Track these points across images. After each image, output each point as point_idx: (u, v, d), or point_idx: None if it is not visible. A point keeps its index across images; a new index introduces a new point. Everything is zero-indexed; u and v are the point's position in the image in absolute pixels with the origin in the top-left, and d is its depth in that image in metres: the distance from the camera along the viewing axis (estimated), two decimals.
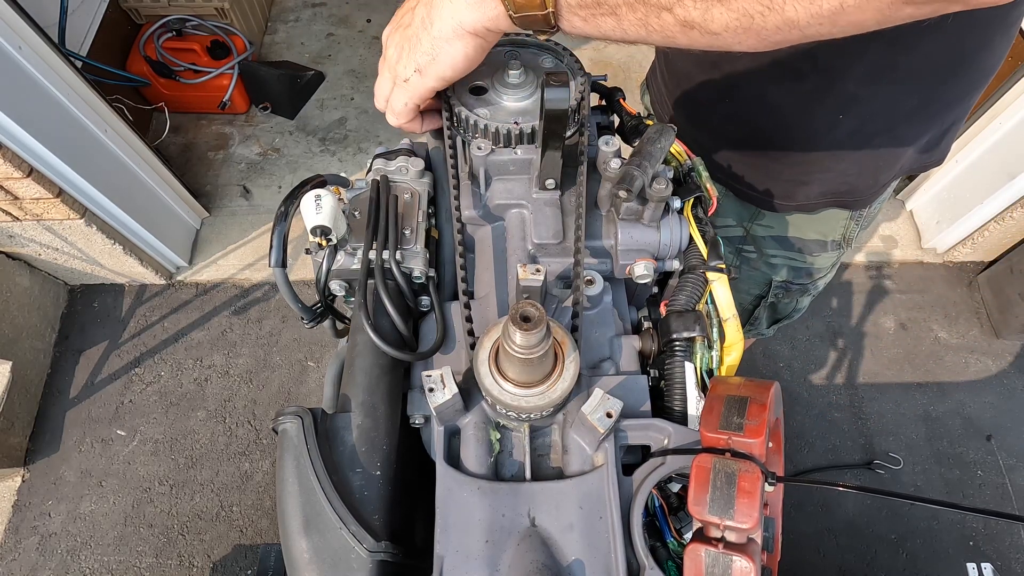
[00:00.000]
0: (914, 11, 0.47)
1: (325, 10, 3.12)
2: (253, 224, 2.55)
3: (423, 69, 0.63)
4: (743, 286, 1.27)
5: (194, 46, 2.56)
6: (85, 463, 2.15)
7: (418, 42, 0.62)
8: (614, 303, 0.75)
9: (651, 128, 0.71)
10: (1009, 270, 2.26)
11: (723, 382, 0.61)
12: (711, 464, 0.52)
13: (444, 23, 0.59)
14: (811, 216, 1.08)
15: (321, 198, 0.65)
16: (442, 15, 0.59)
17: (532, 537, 0.57)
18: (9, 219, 2.00)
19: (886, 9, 0.46)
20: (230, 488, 2.10)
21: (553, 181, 0.73)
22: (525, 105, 0.74)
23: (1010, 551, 1.99)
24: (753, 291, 1.27)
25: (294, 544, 0.59)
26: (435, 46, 0.61)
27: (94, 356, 2.33)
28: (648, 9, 0.52)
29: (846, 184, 1.01)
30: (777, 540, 0.62)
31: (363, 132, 2.78)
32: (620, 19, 0.54)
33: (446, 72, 0.63)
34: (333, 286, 0.73)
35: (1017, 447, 2.14)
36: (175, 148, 2.72)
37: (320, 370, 2.30)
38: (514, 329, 0.51)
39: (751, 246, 1.19)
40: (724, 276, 0.71)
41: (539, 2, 0.54)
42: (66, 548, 2.02)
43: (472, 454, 0.62)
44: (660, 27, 0.53)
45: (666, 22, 0.52)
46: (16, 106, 1.66)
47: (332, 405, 0.77)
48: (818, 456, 2.14)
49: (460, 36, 0.60)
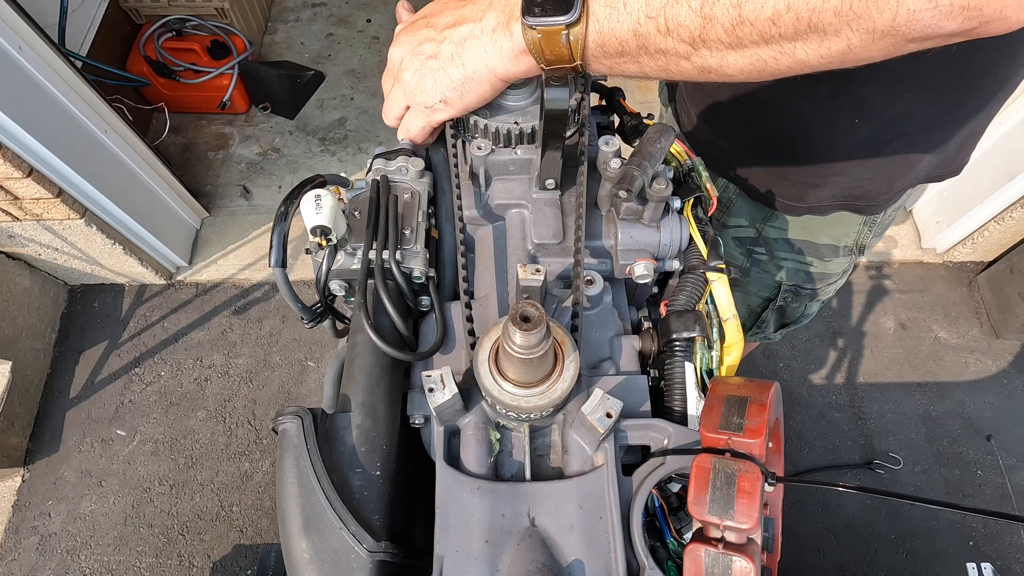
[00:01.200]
0: (918, 47, 0.49)
1: (325, 10, 3.12)
2: (253, 224, 2.55)
3: (450, 101, 0.66)
4: (752, 288, 1.26)
5: (194, 46, 2.56)
6: (85, 463, 2.15)
7: (446, 76, 0.64)
8: (614, 303, 0.75)
9: (651, 128, 0.71)
10: (1009, 270, 2.26)
11: (723, 382, 0.61)
12: (711, 464, 0.52)
13: (477, 66, 0.62)
14: (824, 220, 1.08)
15: (321, 198, 0.65)
16: (475, 58, 0.62)
17: (532, 537, 0.57)
18: (9, 219, 2.00)
19: (891, 48, 0.49)
20: (230, 488, 2.10)
21: (553, 181, 0.73)
22: (525, 105, 0.74)
23: (1010, 551, 1.99)
24: (762, 293, 1.27)
25: (294, 544, 0.59)
26: (465, 84, 0.64)
27: (94, 356, 2.33)
28: (668, 58, 0.55)
29: (859, 189, 1.00)
30: (777, 540, 0.62)
31: (363, 132, 2.78)
32: (642, 65, 0.57)
33: (472, 105, 0.67)
34: (333, 286, 0.73)
35: (1017, 447, 2.14)
36: (175, 148, 2.72)
37: (320, 370, 2.30)
38: (514, 329, 0.51)
39: (762, 247, 1.18)
40: (724, 276, 0.71)
41: (568, 56, 0.56)
42: (66, 548, 2.02)
43: (472, 454, 0.62)
44: (679, 71, 0.57)
45: (684, 68, 0.56)
46: (16, 106, 1.66)
47: (332, 405, 0.77)
48: (818, 456, 2.14)
49: (490, 80, 0.63)
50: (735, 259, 1.23)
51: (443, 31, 0.64)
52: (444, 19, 0.65)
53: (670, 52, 0.54)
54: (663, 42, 0.53)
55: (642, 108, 0.86)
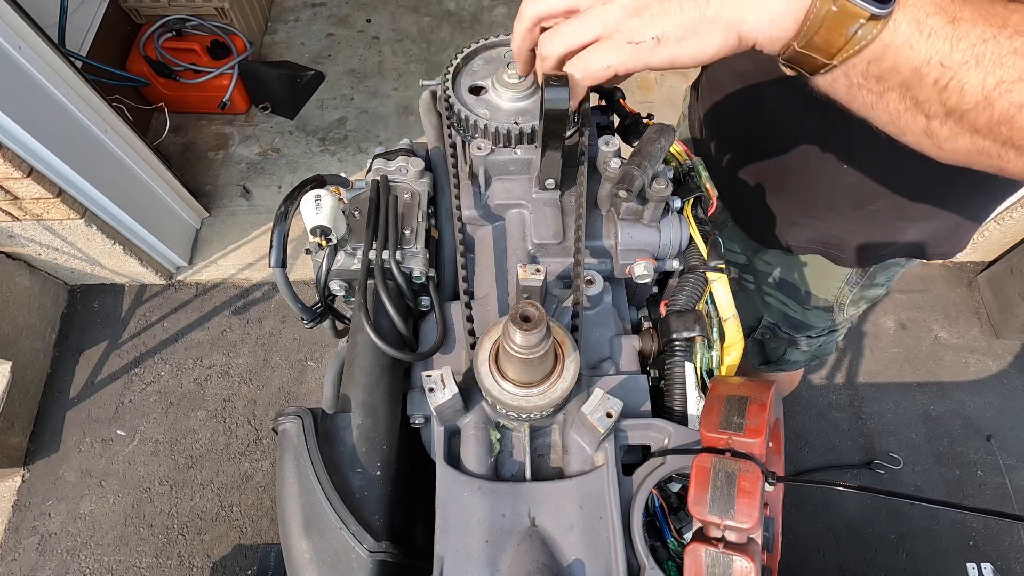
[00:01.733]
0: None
1: (325, 10, 3.12)
2: (253, 224, 2.55)
3: (664, 40, 0.52)
4: None
5: (194, 46, 2.56)
6: (85, 463, 2.15)
7: (679, 10, 0.51)
8: (614, 303, 0.75)
9: (651, 128, 0.71)
10: (1009, 270, 2.26)
11: (723, 382, 0.61)
12: (711, 464, 0.52)
13: (725, 7, 0.50)
14: (808, 268, 1.07)
15: (321, 198, 0.65)
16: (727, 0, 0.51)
17: (532, 537, 0.57)
18: (9, 219, 2.00)
19: None
20: (230, 488, 2.10)
21: (553, 181, 0.73)
22: (525, 105, 0.74)
23: (1010, 551, 1.99)
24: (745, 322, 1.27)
25: (294, 544, 0.59)
26: (697, 25, 0.51)
27: (94, 356, 2.33)
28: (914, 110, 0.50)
29: (837, 238, 0.99)
30: (777, 540, 0.62)
31: (363, 132, 2.78)
32: (883, 100, 0.51)
33: (685, 59, 0.53)
34: (333, 286, 0.73)
35: (1017, 447, 2.14)
36: (175, 148, 2.72)
37: (320, 370, 2.30)
38: (514, 329, 0.51)
39: (751, 277, 1.19)
40: (724, 276, 0.71)
41: (835, 49, 0.49)
42: (66, 548, 2.02)
43: (472, 454, 0.62)
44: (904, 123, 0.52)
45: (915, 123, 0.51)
46: (16, 106, 1.66)
47: (332, 405, 0.77)
48: (818, 456, 2.14)
49: (728, 31, 0.51)
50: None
51: None
52: None
53: (923, 104, 0.49)
54: (929, 94, 0.48)
55: (642, 108, 0.86)
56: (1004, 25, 0.46)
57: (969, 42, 0.46)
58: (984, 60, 0.46)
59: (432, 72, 2.93)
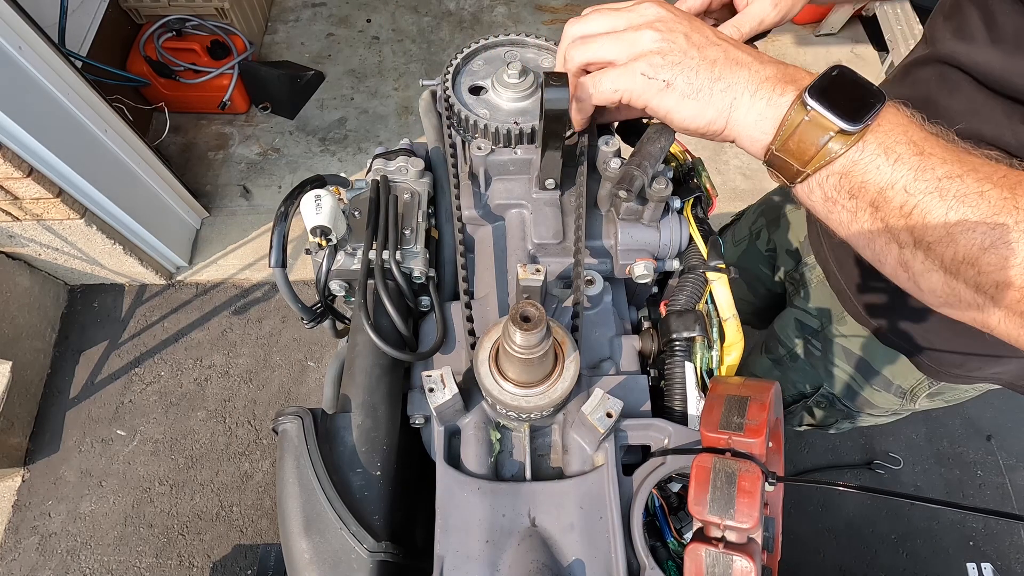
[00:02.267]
0: None
1: (325, 10, 3.12)
2: (253, 224, 2.55)
3: (672, 88, 0.56)
4: (794, 375, 1.20)
5: (194, 46, 2.56)
6: (85, 463, 2.15)
7: (694, 71, 0.55)
8: (614, 303, 0.75)
9: (651, 128, 0.71)
10: None
11: (723, 382, 0.61)
12: (711, 464, 0.52)
13: (727, 91, 0.55)
14: (887, 351, 1.02)
15: (321, 198, 0.65)
16: (729, 84, 0.55)
17: (532, 537, 0.57)
18: (9, 219, 2.00)
19: None
20: (230, 488, 2.10)
21: (553, 181, 0.73)
22: (525, 105, 0.74)
23: (1010, 551, 1.99)
24: (801, 386, 1.21)
25: (294, 544, 0.59)
26: (702, 92, 0.56)
27: (94, 356, 2.33)
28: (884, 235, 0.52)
29: (928, 343, 0.95)
30: (777, 540, 0.62)
31: (363, 132, 2.78)
32: (856, 219, 0.53)
33: (677, 116, 0.57)
34: (333, 286, 0.73)
35: (1017, 447, 2.14)
36: (175, 148, 2.72)
37: (320, 370, 2.30)
38: (514, 329, 0.51)
39: (819, 344, 1.13)
40: (724, 276, 0.71)
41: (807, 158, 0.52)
42: (66, 548, 2.02)
43: (472, 454, 0.62)
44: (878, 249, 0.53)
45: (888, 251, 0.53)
46: (16, 106, 1.66)
47: (332, 405, 0.77)
48: (818, 456, 2.14)
49: (720, 112, 0.56)
50: (790, 342, 1.18)
51: (721, 40, 0.57)
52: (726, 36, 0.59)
53: (893, 230, 0.51)
54: (896, 219, 0.50)
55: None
56: (974, 169, 0.48)
57: (935, 175, 0.48)
58: (948, 195, 0.48)
59: (432, 72, 2.94)
